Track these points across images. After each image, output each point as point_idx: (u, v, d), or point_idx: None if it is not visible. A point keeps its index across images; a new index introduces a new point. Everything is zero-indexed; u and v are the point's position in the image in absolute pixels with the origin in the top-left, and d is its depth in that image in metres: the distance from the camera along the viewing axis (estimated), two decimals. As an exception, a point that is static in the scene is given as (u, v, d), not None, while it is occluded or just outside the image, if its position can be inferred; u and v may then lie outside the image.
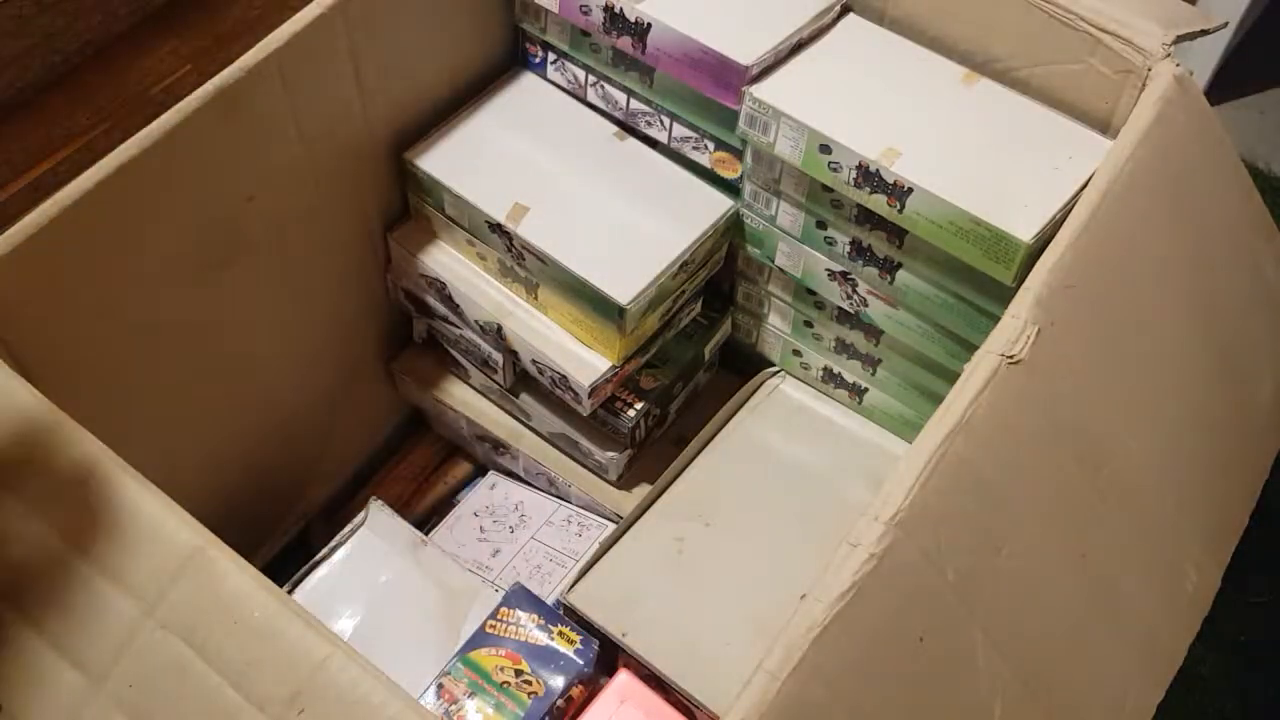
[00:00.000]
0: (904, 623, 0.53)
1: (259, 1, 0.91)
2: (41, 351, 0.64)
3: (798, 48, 0.77)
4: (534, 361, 0.83)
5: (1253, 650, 1.09)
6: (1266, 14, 1.62)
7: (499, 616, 0.71)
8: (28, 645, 0.51)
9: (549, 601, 0.81)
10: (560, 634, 0.70)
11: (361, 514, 0.81)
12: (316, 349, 0.88)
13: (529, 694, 0.68)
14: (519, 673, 0.69)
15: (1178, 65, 0.68)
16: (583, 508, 0.90)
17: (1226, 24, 1.41)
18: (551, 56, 0.87)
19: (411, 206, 0.87)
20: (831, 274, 0.81)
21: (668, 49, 0.76)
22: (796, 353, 0.90)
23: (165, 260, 0.70)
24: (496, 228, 0.80)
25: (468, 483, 0.99)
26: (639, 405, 0.86)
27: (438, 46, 0.83)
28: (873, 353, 0.84)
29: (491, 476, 0.97)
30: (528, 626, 0.71)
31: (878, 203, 0.71)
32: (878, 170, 0.70)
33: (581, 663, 0.69)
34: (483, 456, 0.99)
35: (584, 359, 0.81)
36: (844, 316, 0.84)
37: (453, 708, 0.68)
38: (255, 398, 0.84)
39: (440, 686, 0.69)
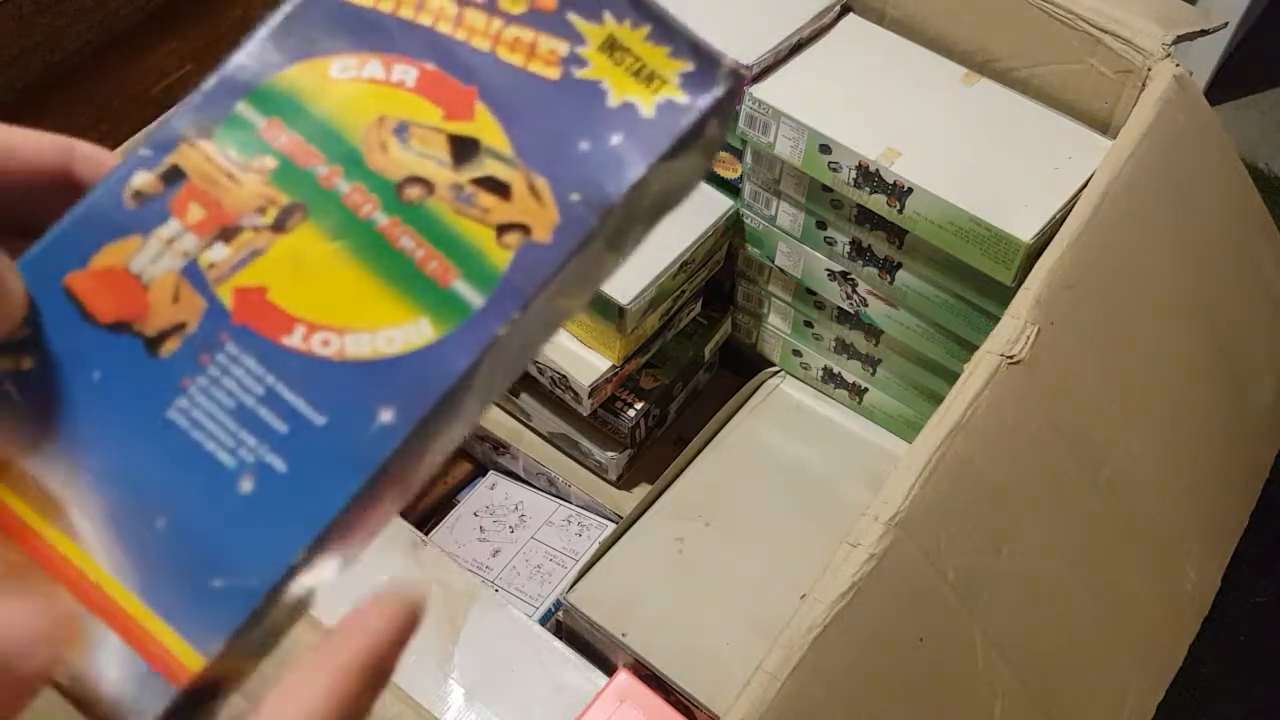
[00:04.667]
0: (904, 623, 0.53)
1: (259, 1, 0.91)
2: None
3: (798, 48, 0.77)
4: (534, 361, 0.83)
5: (1253, 650, 1.09)
6: (1266, 14, 1.62)
7: None
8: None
9: (549, 602, 0.81)
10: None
11: (361, 514, 0.81)
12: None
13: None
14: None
15: (1178, 65, 0.68)
16: (583, 508, 0.90)
17: (1226, 24, 1.41)
18: (551, 56, 0.87)
19: (411, 206, 0.87)
20: (831, 274, 0.81)
21: (668, 49, 0.76)
22: (796, 353, 0.90)
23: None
24: (496, 228, 0.80)
25: (468, 483, 0.99)
26: (639, 405, 0.86)
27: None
28: (873, 353, 0.84)
29: (491, 476, 0.97)
30: None
31: (878, 203, 0.71)
32: (878, 170, 0.70)
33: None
34: (483, 456, 0.99)
35: (584, 359, 0.81)
36: (844, 316, 0.84)
37: None
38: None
39: None
